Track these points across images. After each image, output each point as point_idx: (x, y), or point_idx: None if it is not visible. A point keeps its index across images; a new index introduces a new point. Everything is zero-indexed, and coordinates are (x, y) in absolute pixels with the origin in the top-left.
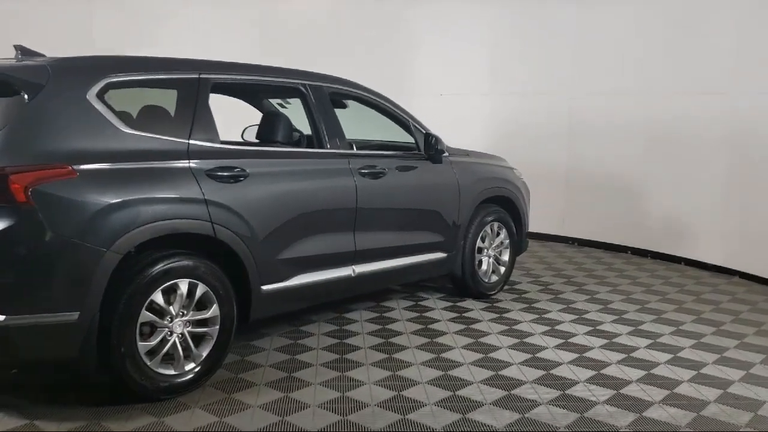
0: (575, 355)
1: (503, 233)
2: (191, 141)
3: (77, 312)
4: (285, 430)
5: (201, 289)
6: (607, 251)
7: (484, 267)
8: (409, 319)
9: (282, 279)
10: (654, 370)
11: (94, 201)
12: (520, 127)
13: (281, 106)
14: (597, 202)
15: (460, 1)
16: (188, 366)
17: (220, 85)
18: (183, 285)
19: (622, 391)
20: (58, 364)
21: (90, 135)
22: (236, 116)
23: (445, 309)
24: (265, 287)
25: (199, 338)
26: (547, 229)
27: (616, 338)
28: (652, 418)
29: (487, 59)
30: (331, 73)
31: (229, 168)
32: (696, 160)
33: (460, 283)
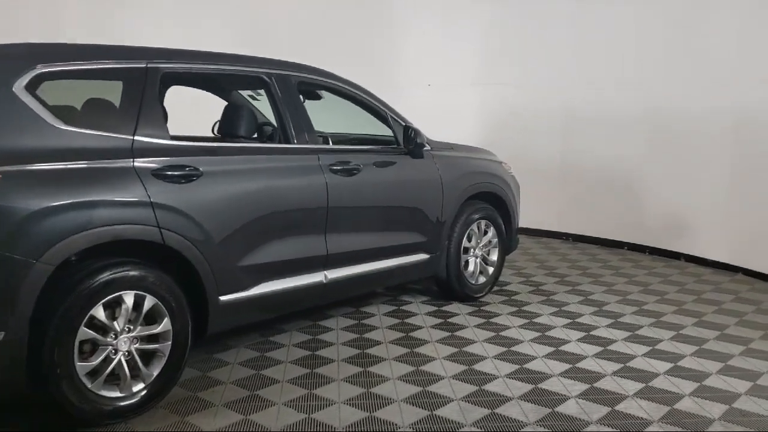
0: (567, 366)
1: (491, 231)
2: (136, 137)
3: (1, 332)
4: None
5: (149, 301)
6: (604, 247)
7: (471, 268)
8: (390, 326)
9: (243, 288)
10: (653, 382)
11: (21, 207)
12: (513, 119)
13: (252, 98)
14: (593, 196)
15: None
16: (136, 387)
17: (173, 76)
18: (128, 298)
19: (617, 407)
20: None
21: (16, 132)
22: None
23: (428, 314)
24: (223, 297)
25: (149, 356)
26: (541, 224)
27: (611, 345)
28: None
29: (478, 49)
30: (299, 61)
31: (180, 167)
32: (697, 152)
33: (445, 286)
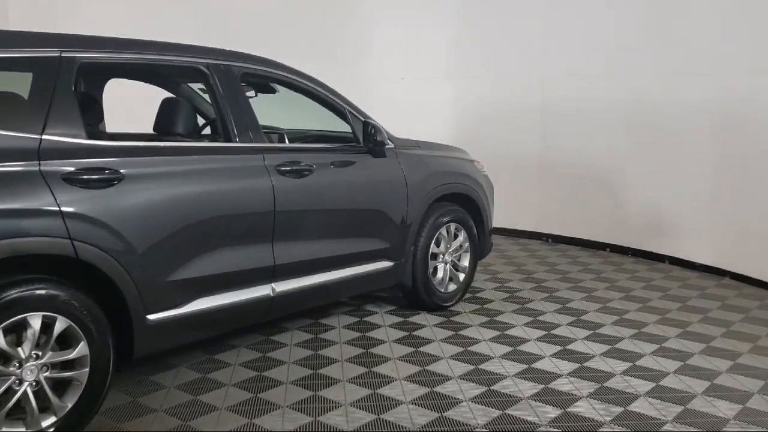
0: (539, 387)
1: (462, 235)
2: (45, 137)
3: None
4: None
5: (61, 323)
6: (585, 249)
7: (440, 275)
8: (349, 341)
9: (176, 305)
10: (632, 406)
11: None
12: (489, 113)
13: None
14: (573, 195)
15: None
16: (46, 421)
17: (94, 67)
18: (35, 320)
19: None
20: None
21: None
22: None
23: (393, 326)
24: (152, 316)
25: (63, 385)
26: (519, 225)
27: (588, 361)
28: None
29: (451, 39)
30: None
31: (97, 169)
32: (680, 147)
33: (411, 295)
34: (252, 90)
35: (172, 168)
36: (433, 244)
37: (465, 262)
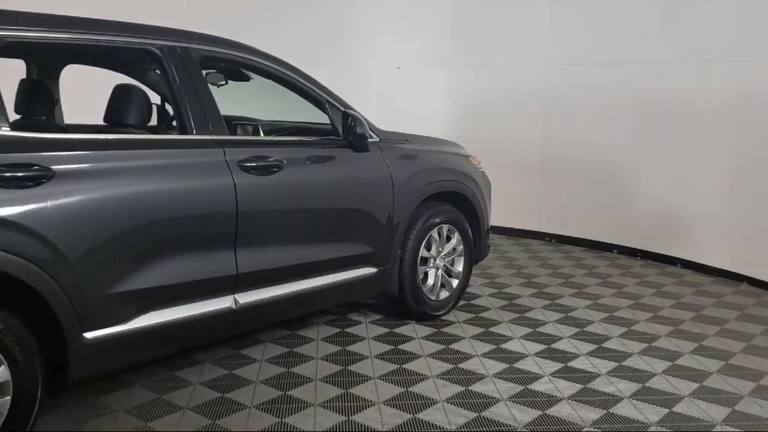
0: (537, 413)
1: (455, 238)
2: None
3: None
4: None
5: None
6: (590, 250)
7: (431, 281)
8: (326, 357)
9: (119, 321)
10: None
11: None
12: (489, 103)
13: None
14: (578, 191)
15: None
16: None
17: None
18: None
19: None
20: None
21: None
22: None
23: (377, 338)
24: (90, 334)
25: None
26: (521, 224)
27: (592, 382)
28: None
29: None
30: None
31: (22, 166)
32: (697, 141)
33: (398, 304)
34: (221, 76)
35: (114, 164)
36: (423, 247)
37: (459, 267)
